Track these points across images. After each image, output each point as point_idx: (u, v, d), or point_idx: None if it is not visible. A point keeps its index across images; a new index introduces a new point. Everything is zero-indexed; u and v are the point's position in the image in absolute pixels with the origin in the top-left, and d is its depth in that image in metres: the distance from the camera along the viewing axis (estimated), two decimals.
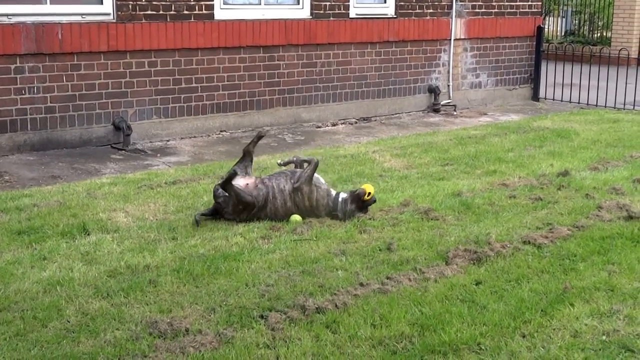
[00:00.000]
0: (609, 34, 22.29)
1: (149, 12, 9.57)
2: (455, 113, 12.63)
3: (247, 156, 6.63)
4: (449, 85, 12.91)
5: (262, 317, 4.53)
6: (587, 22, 23.82)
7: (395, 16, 11.95)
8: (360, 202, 6.38)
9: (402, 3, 11.97)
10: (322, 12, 11.13)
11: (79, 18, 9.12)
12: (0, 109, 8.73)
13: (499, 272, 5.27)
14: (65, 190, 7.24)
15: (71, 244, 5.74)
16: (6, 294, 4.81)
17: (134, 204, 6.82)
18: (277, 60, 10.82)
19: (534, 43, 13.95)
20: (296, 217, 6.35)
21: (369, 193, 6.34)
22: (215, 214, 6.33)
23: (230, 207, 6.24)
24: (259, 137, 6.79)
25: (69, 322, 4.46)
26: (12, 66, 8.73)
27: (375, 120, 11.84)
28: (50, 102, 9.01)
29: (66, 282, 4.98)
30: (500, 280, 5.13)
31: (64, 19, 9.01)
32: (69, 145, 9.21)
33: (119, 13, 9.34)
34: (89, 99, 9.28)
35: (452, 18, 12.65)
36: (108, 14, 9.34)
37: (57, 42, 8.92)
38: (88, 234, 5.96)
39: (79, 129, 9.29)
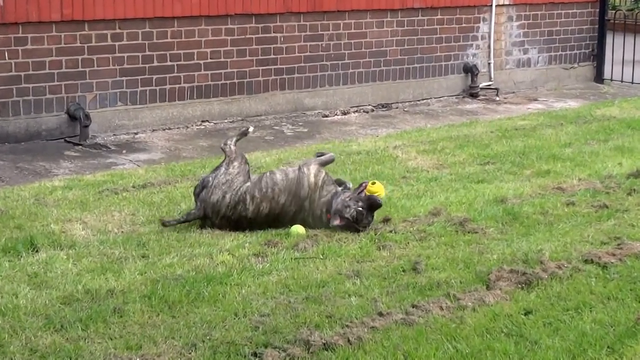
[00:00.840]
0: None
1: None
2: (497, 98, 12.63)
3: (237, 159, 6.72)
4: (489, 64, 12.92)
5: (255, 354, 4.53)
6: None
7: None
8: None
9: None
10: None
11: None
12: None
13: (553, 298, 5.27)
14: (7, 196, 7.26)
15: (15, 262, 5.75)
16: None
17: (93, 212, 6.83)
18: (274, 33, 10.84)
19: (597, 10, 13.95)
20: (298, 229, 6.36)
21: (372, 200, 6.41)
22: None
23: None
24: (243, 134, 7.00)
25: None
26: None
27: (397, 108, 11.85)
28: None
29: (9, 311, 4.98)
30: (555, 309, 5.12)
31: None
32: (12, 139, 9.25)
33: None
34: (37, 80, 9.31)
35: None
36: None
37: None
38: (36, 251, 5.97)
39: (25, 119, 9.32)
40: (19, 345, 4.62)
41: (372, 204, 6.44)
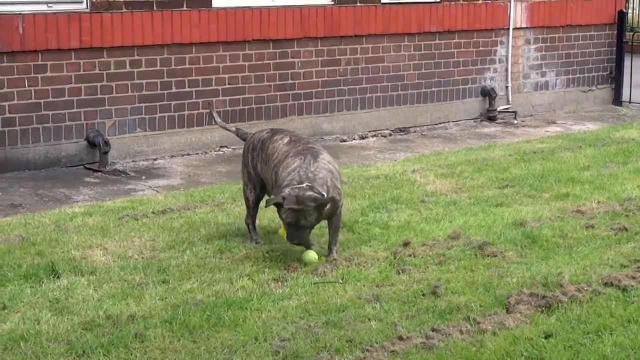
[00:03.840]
0: None
1: None
2: (515, 122, 12.65)
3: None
4: (507, 87, 12.95)
5: None
6: None
7: (438, 0, 12.03)
8: None
9: None
10: None
11: (44, 7, 9.28)
12: None
13: (574, 322, 5.28)
14: (28, 223, 7.33)
15: (37, 289, 5.81)
16: None
17: (114, 238, 6.89)
18: (291, 58, 10.92)
19: (615, 32, 13.97)
20: (311, 256, 6.38)
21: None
22: None
23: None
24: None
25: None
26: None
27: (415, 132, 11.89)
28: (9, 113, 9.15)
29: (32, 337, 5.04)
30: (575, 332, 5.14)
31: (26, 9, 9.16)
32: (32, 166, 9.33)
33: (94, 0, 9.48)
34: (56, 108, 9.40)
35: (510, 2, 12.71)
36: (80, 2, 9.49)
37: (18, 38, 9.06)
38: (58, 277, 6.03)
39: (45, 146, 9.41)
40: None
41: None
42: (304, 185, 6.21)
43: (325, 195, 6.21)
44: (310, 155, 6.43)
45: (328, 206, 6.24)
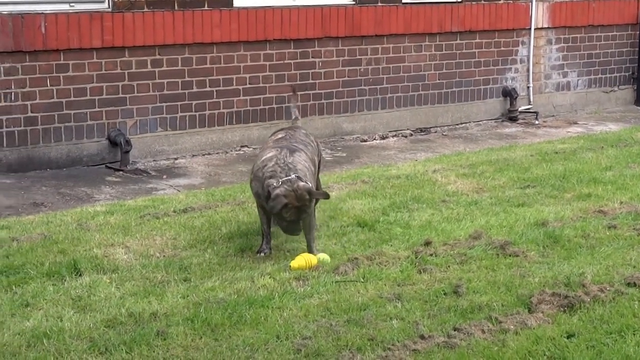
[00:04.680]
0: None
1: None
2: (536, 122, 12.62)
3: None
4: (528, 87, 12.92)
5: None
6: None
7: (459, 0, 12.02)
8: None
9: None
10: None
11: (66, 7, 9.32)
12: None
13: (596, 321, 5.27)
14: (50, 221, 7.37)
15: (59, 286, 5.84)
16: None
17: (135, 237, 6.92)
18: (312, 57, 10.93)
19: (637, 32, 13.92)
20: (324, 256, 6.41)
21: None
22: None
23: None
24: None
25: None
26: None
27: (436, 132, 11.88)
28: (31, 112, 9.20)
29: (55, 334, 5.07)
30: (598, 332, 5.13)
31: (48, 9, 9.21)
32: (54, 165, 9.38)
33: (116, 0, 9.53)
34: (78, 107, 9.45)
35: (532, 2, 12.68)
36: (102, 2, 9.53)
37: (40, 37, 9.11)
38: (80, 275, 6.06)
39: (67, 145, 9.46)
40: None
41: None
42: (292, 176, 6.21)
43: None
44: (287, 149, 6.47)
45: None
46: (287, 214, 6.19)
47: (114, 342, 4.96)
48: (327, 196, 6.48)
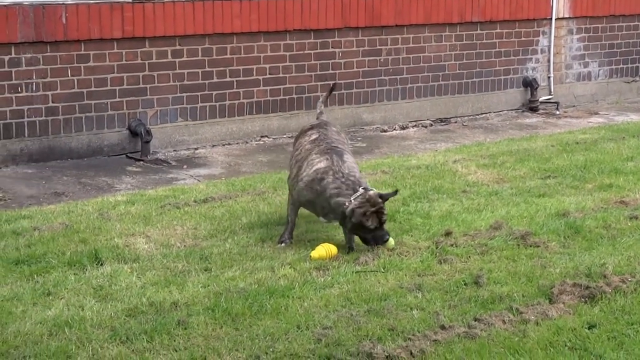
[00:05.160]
0: None
1: None
2: (557, 112, 12.57)
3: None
4: (549, 78, 12.86)
5: None
6: None
7: None
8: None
9: None
10: None
11: None
12: None
13: (618, 312, 5.26)
14: (71, 211, 7.41)
15: (81, 276, 5.87)
16: (4, 337, 4.95)
17: (156, 227, 6.94)
18: (332, 48, 10.92)
19: None
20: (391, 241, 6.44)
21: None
22: None
23: None
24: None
25: None
26: (6, 57, 8.96)
27: (456, 122, 11.85)
28: (52, 102, 9.23)
29: (76, 323, 5.10)
30: (619, 323, 5.11)
31: None
32: (75, 155, 9.42)
33: None
34: (99, 97, 9.48)
35: None
36: None
37: (61, 28, 9.14)
38: (101, 264, 6.09)
39: (87, 135, 9.49)
40: (86, 356, 4.73)
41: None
42: (360, 190, 6.27)
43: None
44: (335, 155, 6.49)
45: None
46: (369, 222, 6.21)
47: (135, 331, 4.98)
48: (396, 192, 6.57)
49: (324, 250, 6.27)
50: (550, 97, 12.83)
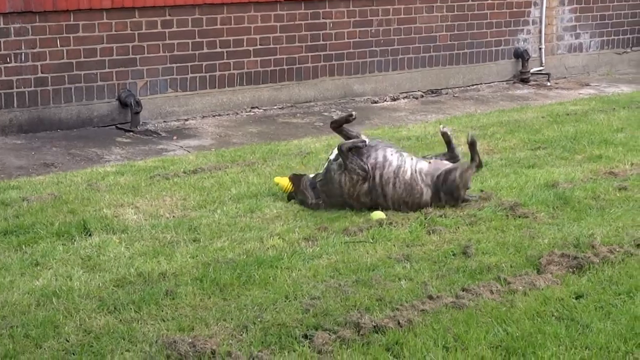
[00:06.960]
0: None
1: None
2: (548, 84, 12.56)
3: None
4: (540, 49, 12.84)
5: (306, 337, 4.58)
6: None
7: None
8: None
9: None
10: None
11: None
12: None
13: (605, 282, 5.26)
14: (60, 181, 7.38)
15: (69, 246, 5.86)
16: None
17: (145, 197, 6.92)
18: (323, 18, 10.87)
19: None
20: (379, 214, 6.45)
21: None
22: None
23: None
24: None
25: (67, 341, 4.56)
26: None
27: (447, 94, 11.83)
28: (41, 72, 9.19)
29: (64, 293, 5.09)
30: (607, 293, 5.11)
31: None
32: (64, 126, 9.38)
33: None
34: (88, 67, 9.43)
35: None
36: None
37: None
38: (89, 235, 6.07)
39: (77, 106, 9.45)
40: (74, 326, 4.72)
41: None
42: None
43: None
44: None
45: None
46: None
47: (122, 302, 4.98)
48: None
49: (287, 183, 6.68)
50: (541, 68, 12.82)
